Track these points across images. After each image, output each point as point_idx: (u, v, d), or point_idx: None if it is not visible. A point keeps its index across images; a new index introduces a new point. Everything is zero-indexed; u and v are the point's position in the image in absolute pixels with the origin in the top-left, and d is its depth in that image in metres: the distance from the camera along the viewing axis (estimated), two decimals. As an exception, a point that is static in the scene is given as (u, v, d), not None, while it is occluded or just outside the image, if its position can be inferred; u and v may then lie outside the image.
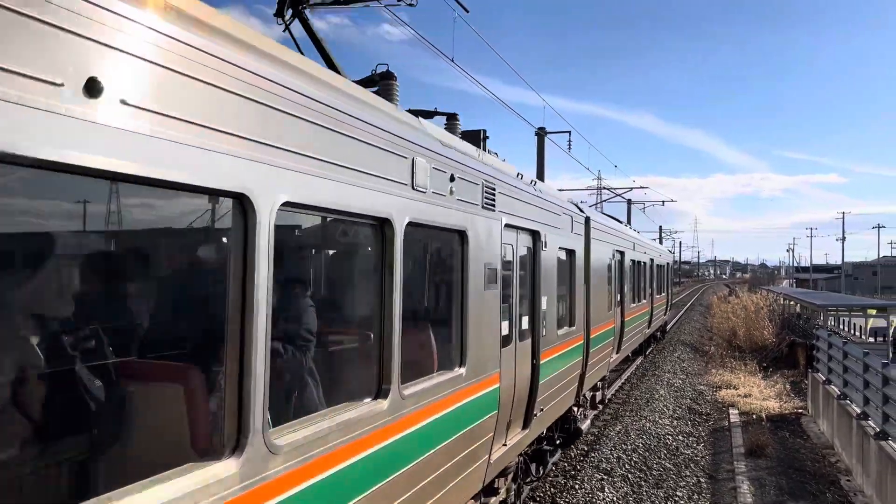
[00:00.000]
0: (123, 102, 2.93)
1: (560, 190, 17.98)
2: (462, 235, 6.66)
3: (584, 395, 13.40)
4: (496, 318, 7.64)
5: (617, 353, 17.98)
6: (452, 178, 6.35)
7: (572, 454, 13.59)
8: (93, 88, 2.79)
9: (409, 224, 5.40)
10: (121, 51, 2.94)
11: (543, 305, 9.48)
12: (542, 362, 9.29)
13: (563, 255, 11.12)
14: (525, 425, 9.00)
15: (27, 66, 2.58)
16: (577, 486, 11.50)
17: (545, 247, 9.59)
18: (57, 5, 2.67)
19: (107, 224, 3.69)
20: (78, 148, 2.74)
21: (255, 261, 3.66)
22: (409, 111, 6.84)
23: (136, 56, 3.02)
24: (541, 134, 31.55)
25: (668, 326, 41.25)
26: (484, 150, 8.64)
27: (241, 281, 3.64)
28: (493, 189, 7.54)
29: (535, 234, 9.23)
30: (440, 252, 6.93)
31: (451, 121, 8.27)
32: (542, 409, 9.51)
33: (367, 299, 5.49)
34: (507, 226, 7.98)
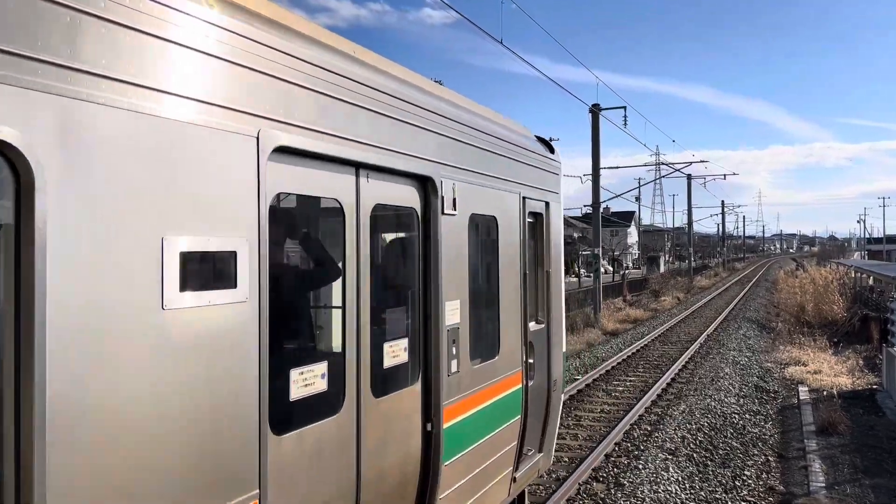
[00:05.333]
0: None
1: (616, 168, 17.42)
2: None
3: None
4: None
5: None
6: None
7: (634, 434, 13.41)
8: None
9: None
10: None
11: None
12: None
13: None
14: None
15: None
16: (640, 467, 11.34)
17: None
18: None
19: None
20: None
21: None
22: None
23: None
24: (595, 111, 31.04)
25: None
26: None
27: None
28: None
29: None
30: None
31: None
32: None
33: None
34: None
